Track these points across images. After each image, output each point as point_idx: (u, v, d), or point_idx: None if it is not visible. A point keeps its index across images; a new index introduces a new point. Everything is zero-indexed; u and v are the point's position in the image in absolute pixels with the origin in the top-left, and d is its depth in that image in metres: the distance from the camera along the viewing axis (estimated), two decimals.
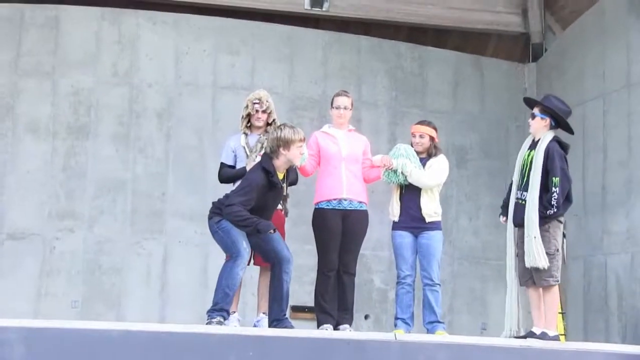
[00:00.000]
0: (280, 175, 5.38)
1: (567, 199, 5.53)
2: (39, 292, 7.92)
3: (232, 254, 5.29)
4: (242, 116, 5.81)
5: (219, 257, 5.62)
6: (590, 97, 8.39)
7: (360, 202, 5.73)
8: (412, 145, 5.89)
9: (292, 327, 5.34)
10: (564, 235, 9.88)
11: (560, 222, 5.57)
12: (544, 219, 5.42)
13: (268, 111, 5.75)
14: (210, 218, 5.42)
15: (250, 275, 5.81)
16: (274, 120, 5.79)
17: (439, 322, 5.70)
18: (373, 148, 5.97)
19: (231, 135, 5.91)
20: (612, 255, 7.95)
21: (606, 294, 7.95)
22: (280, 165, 5.35)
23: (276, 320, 5.37)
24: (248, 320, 6.02)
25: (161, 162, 8.35)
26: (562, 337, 9.82)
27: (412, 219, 5.76)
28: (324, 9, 8.94)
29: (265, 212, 5.35)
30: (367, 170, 5.82)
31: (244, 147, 5.72)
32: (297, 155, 5.37)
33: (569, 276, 8.87)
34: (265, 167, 5.32)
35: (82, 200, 8.13)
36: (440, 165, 5.84)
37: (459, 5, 9.17)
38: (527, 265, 5.43)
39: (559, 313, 10.21)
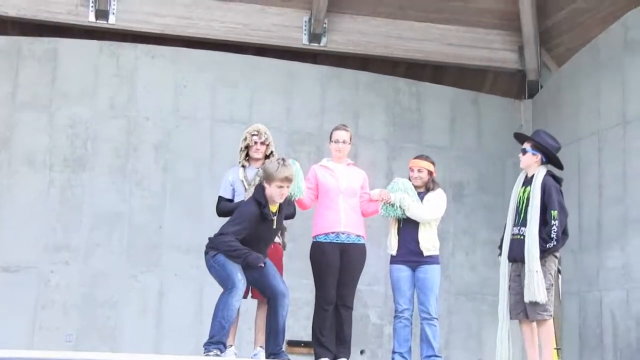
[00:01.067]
0: (274, 208, 5.36)
1: (563, 232, 5.57)
2: (34, 326, 7.85)
3: (227, 286, 5.27)
4: (241, 149, 5.83)
5: (215, 290, 5.59)
6: (585, 134, 8.45)
7: (358, 236, 5.73)
8: (410, 180, 5.91)
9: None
10: (559, 271, 9.94)
11: (556, 257, 5.60)
12: (543, 253, 5.45)
13: (267, 143, 5.77)
14: (206, 253, 5.40)
15: (246, 309, 5.78)
16: (272, 152, 5.81)
17: (436, 356, 5.67)
18: (370, 183, 5.98)
19: (230, 169, 5.92)
20: (607, 292, 7.94)
21: (601, 330, 7.93)
22: (269, 197, 5.32)
23: (273, 354, 5.35)
24: (245, 354, 5.98)
25: (158, 195, 8.34)
26: None
27: (410, 253, 5.76)
28: (322, 44, 9.03)
29: (259, 244, 5.32)
30: (365, 204, 5.84)
31: (242, 181, 5.73)
32: (277, 194, 5.25)
33: (565, 312, 8.85)
34: (257, 198, 5.31)
35: (78, 233, 8.10)
36: (438, 200, 5.87)
37: (456, 42, 9.27)
38: (526, 299, 5.43)
39: (555, 349, 10.21)
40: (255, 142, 5.75)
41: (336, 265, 5.62)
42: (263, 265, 5.20)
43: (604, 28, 8.37)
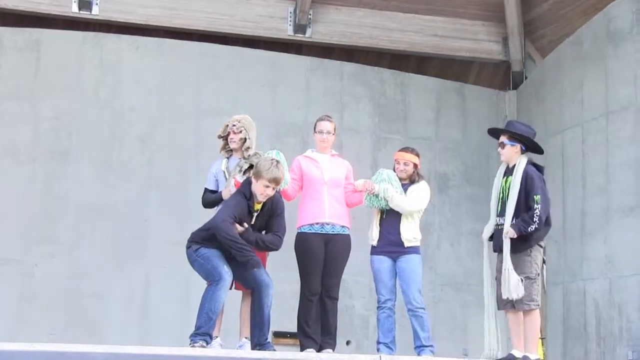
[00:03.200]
0: (258, 206, 5.34)
1: (547, 222, 5.56)
2: (18, 319, 7.81)
3: (214, 278, 5.26)
4: (220, 137, 5.82)
5: (201, 282, 5.59)
6: (569, 124, 8.49)
7: (343, 226, 5.75)
8: (395, 171, 5.93)
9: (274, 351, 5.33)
10: (544, 262, 9.98)
11: (541, 246, 5.60)
12: (523, 243, 5.44)
13: (238, 131, 5.73)
14: (188, 247, 5.40)
15: (231, 300, 5.78)
16: (246, 139, 5.75)
17: (424, 346, 5.69)
18: (355, 174, 5.99)
19: (215, 160, 5.92)
20: (590, 281, 8.00)
21: (585, 320, 7.99)
22: (254, 192, 5.33)
23: (258, 345, 5.36)
24: (230, 345, 5.98)
25: (143, 187, 8.31)
26: None
27: (390, 244, 5.78)
28: (307, 35, 9.02)
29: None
30: (350, 195, 5.85)
31: (224, 172, 5.73)
32: (261, 193, 5.27)
33: (549, 302, 8.91)
34: (243, 191, 5.31)
35: (63, 226, 8.06)
36: (421, 192, 5.88)
37: (441, 33, 9.29)
38: (504, 296, 5.45)
39: (540, 338, 10.28)
40: (229, 132, 5.74)
41: (321, 256, 5.63)
42: (257, 268, 5.23)
43: (587, 19, 8.42)
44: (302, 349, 5.57)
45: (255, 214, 5.35)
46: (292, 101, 8.82)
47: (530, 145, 5.68)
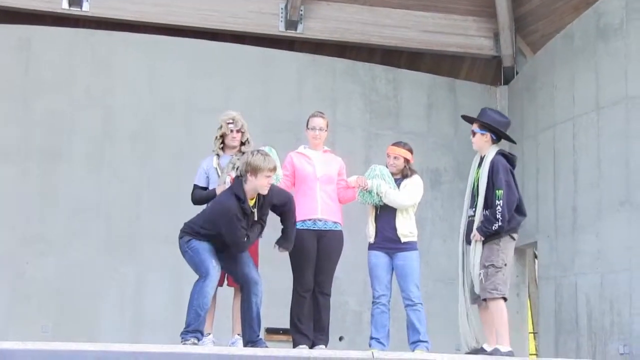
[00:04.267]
0: (252, 202, 5.32)
1: (520, 212, 5.43)
2: (9, 317, 7.79)
3: (201, 274, 5.26)
4: (216, 137, 5.81)
5: (193, 279, 5.59)
6: (560, 119, 8.52)
7: (335, 223, 5.75)
8: (387, 167, 5.93)
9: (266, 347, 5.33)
10: (535, 256, 10.00)
11: (513, 238, 5.48)
12: (494, 235, 5.36)
13: (242, 130, 5.76)
14: (180, 237, 5.39)
15: (224, 296, 5.78)
16: (247, 139, 5.80)
17: (421, 341, 5.70)
18: (347, 170, 5.99)
19: (205, 157, 5.91)
20: (582, 276, 8.03)
21: (577, 315, 8.02)
22: (249, 190, 5.27)
23: (250, 342, 5.35)
24: (222, 341, 5.98)
25: (135, 185, 8.29)
26: (533, 357, 9.91)
27: (387, 240, 5.78)
28: (298, 31, 9.01)
29: (235, 241, 5.25)
30: (342, 191, 5.85)
31: (216, 168, 5.72)
32: (265, 185, 5.22)
33: (541, 297, 8.95)
34: (236, 193, 5.25)
35: (54, 224, 8.04)
36: (414, 186, 5.88)
37: (432, 29, 9.30)
38: (475, 290, 5.44)
39: (530, 333, 10.30)
40: (232, 130, 5.73)
41: (313, 252, 5.63)
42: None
43: (577, 15, 8.44)
44: (294, 346, 5.57)
45: (255, 210, 5.30)
46: (284, 97, 8.81)
47: (501, 134, 5.56)
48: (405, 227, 5.79)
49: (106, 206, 8.16)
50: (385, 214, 5.81)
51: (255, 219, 5.29)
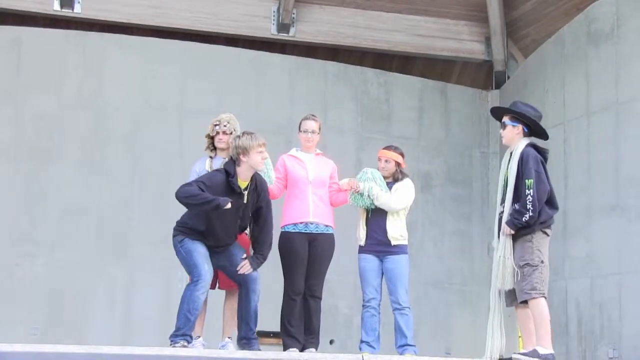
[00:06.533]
0: (244, 184, 5.31)
1: (551, 205, 5.19)
2: None
3: (193, 277, 5.25)
4: (206, 139, 5.81)
5: (184, 281, 5.58)
6: (551, 124, 8.53)
7: (327, 226, 5.75)
8: (378, 170, 5.94)
9: (259, 349, 5.32)
10: None
11: (546, 233, 5.20)
12: (525, 229, 5.11)
13: (229, 132, 5.73)
14: (174, 236, 5.38)
15: (215, 299, 5.77)
16: None
17: (409, 345, 5.71)
18: (339, 173, 5.99)
19: (198, 160, 5.89)
20: (572, 280, 8.06)
21: (567, 319, 8.05)
22: (242, 172, 5.30)
23: (245, 339, 5.33)
24: (212, 344, 5.97)
25: (126, 186, 8.27)
26: None
27: (377, 243, 5.79)
28: (290, 35, 9.02)
29: (227, 220, 5.24)
30: (334, 194, 5.85)
31: (208, 171, 5.70)
32: (259, 161, 5.32)
33: None
34: (226, 168, 5.30)
35: (44, 225, 8.01)
36: (406, 189, 5.90)
37: (424, 33, 9.32)
38: (498, 287, 5.18)
39: (520, 337, 10.30)
40: (217, 132, 5.72)
41: (304, 255, 5.63)
42: (230, 205, 5.11)
43: (568, 20, 8.48)
44: (285, 349, 5.57)
45: (246, 192, 5.29)
46: (276, 100, 8.81)
47: (533, 127, 5.31)
48: (396, 230, 5.80)
49: (96, 208, 8.14)
50: (376, 217, 5.82)
51: (245, 201, 5.27)
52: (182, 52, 8.63)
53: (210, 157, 5.76)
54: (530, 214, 5.09)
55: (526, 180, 5.12)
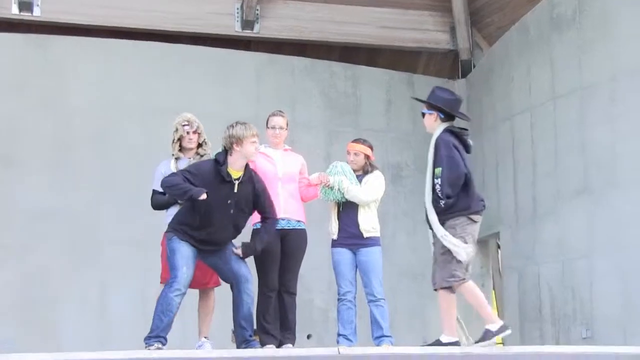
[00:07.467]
0: (237, 174, 5.27)
1: (469, 189, 5.13)
2: None
3: (170, 278, 5.21)
4: (173, 140, 5.75)
5: (158, 283, 5.54)
6: (517, 110, 8.62)
7: (298, 221, 5.74)
8: (348, 163, 5.94)
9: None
10: (498, 246, 10.10)
11: (473, 220, 5.19)
12: (447, 215, 5.12)
13: (199, 131, 5.71)
14: (166, 232, 5.34)
15: (189, 300, 5.74)
16: (204, 140, 5.76)
17: (385, 336, 5.72)
18: (308, 168, 5.98)
19: (161, 161, 5.82)
20: (544, 265, 8.14)
21: (540, 303, 8.13)
22: (234, 161, 5.26)
23: (244, 342, 5.30)
24: (189, 345, 5.94)
25: (95, 189, 8.19)
26: (499, 346, 10.00)
27: (350, 236, 5.80)
28: (255, 31, 8.98)
29: (218, 211, 5.18)
30: (305, 189, 5.84)
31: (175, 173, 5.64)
32: (252, 151, 5.29)
33: (505, 286, 9.05)
34: (217, 157, 5.27)
35: (11, 231, 7.90)
36: (376, 181, 5.91)
37: (389, 25, 9.34)
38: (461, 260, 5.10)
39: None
40: (188, 132, 5.68)
41: (277, 252, 5.62)
42: (206, 196, 5.07)
43: (531, 7, 8.54)
44: (261, 346, 5.55)
45: (237, 182, 5.24)
46: (243, 97, 8.77)
47: (448, 112, 5.35)
48: (368, 223, 5.80)
49: (65, 211, 8.05)
50: (347, 210, 5.82)
51: (235, 190, 5.22)
52: (145, 53, 8.55)
53: (176, 159, 5.71)
54: (445, 200, 5.12)
55: (434, 170, 5.19)
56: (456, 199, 5.15)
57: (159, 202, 5.68)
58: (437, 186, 5.14)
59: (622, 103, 7.39)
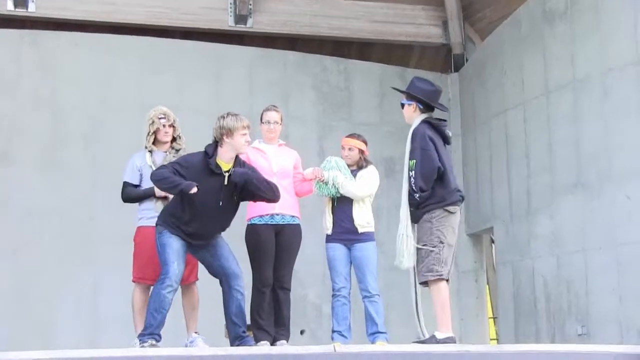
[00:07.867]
0: (226, 166, 5.23)
1: (445, 181, 5.13)
2: None
3: (161, 274, 5.19)
4: (148, 133, 5.69)
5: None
6: (511, 105, 8.61)
7: (293, 216, 5.73)
8: (342, 158, 5.93)
9: (253, 344, 5.28)
10: (492, 241, 10.09)
11: (449, 211, 5.21)
12: (422, 208, 5.14)
13: (174, 125, 5.69)
14: (156, 225, 5.32)
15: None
16: (179, 134, 5.74)
17: (380, 332, 5.71)
18: (302, 163, 5.97)
19: (135, 153, 5.76)
20: (538, 259, 8.14)
21: (535, 297, 8.14)
22: (224, 153, 5.22)
23: (237, 338, 5.28)
24: (179, 343, 5.91)
25: (88, 186, 8.15)
26: (494, 342, 10.02)
27: (344, 231, 5.79)
28: (248, 26, 8.95)
29: (208, 204, 5.14)
30: (299, 184, 5.83)
31: (151, 166, 5.59)
32: (242, 144, 5.22)
33: (499, 281, 9.05)
34: (206, 149, 5.23)
35: (5, 230, 7.86)
36: (370, 176, 5.90)
37: (382, 19, 9.32)
38: (395, 264, 5.19)
39: (490, 318, 10.41)
40: (164, 125, 5.66)
41: (272, 247, 5.61)
42: (196, 189, 5.03)
43: (524, 0, 8.52)
44: (255, 342, 5.54)
45: (227, 175, 5.20)
46: (236, 92, 8.75)
47: (426, 103, 5.34)
48: (363, 218, 5.79)
49: (58, 209, 8.02)
50: (342, 205, 5.81)
51: (225, 183, 5.17)
52: (139, 48, 8.52)
53: (149, 151, 5.66)
54: (420, 193, 5.12)
55: (409, 162, 5.18)
56: (431, 191, 5.13)
57: (130, 195, 5.64)
58: (412, 179, 5.13)
59: (615, 96, 7.39)
